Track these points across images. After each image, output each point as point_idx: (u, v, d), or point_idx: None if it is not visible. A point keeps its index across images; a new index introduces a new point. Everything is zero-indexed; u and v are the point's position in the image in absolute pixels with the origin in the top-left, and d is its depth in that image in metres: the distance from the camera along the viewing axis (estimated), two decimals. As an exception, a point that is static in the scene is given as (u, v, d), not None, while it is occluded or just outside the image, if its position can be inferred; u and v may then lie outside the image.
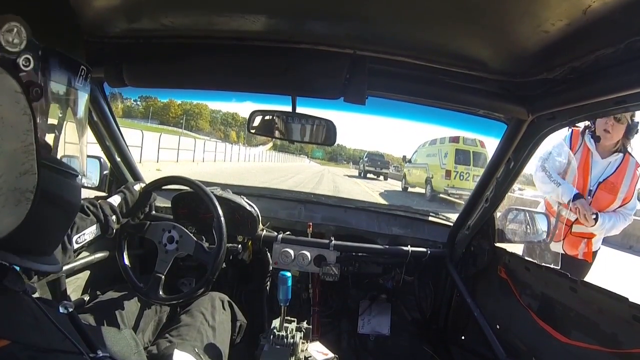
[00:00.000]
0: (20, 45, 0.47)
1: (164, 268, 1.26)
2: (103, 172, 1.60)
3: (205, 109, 45.83)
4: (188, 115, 43.17)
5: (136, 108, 29.36)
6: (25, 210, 0.49)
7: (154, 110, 32.04)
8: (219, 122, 52.84)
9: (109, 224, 1.19)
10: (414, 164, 13.89)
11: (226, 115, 53.91)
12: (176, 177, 1.37)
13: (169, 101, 33.16)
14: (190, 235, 1.29)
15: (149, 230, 1.30)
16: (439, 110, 1.15)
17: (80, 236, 1.09)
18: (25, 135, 0.48)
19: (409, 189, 14.32)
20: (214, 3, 0.81)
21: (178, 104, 37.10)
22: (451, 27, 0.77)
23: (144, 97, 25.28)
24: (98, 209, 1.18)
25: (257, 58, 0.95)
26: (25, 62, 0.48)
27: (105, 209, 1.20)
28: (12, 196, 0.48)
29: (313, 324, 1.64)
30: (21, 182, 0.48)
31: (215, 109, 52.29)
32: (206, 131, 43.46)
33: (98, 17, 0.90)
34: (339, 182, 17.55)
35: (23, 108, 0.48)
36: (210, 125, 48.07)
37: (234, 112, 52.18)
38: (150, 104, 29.72)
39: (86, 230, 1.11)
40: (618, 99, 0.78)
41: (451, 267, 1.62)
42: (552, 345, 1.12)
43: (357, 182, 18.44)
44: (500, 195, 1.37)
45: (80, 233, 1.09)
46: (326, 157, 75.36)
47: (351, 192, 12.65)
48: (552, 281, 1.17)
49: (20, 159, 0.48)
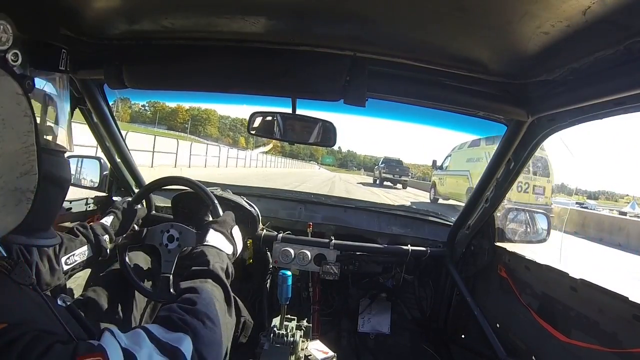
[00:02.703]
0: (7, 43, 0.48)
1: (170, 268, 1.25)
2: (103, 172, 1.61)
3: (213, 114, 45.52)
4: (195, 120, 42.59)
5: (144, 113, 29.11)
6: (25, 210, 0.50)
7: (161, 116, 31.66)
8: (228, 127, 52.41)
9: (100, 243, 1.18)
10: (448, 171, 11.87)
11: (235, 121, 53.53)
12: (176, 177, 1.38)
13: (177, 106, 32.81)
14: (189, 229, 1.27)
15: (147, 236, 1.28)
16: (439, 111, 1.15)
17: (69, 257, 1.08)
18: (26, 137, 0.49)
19: (440, 201, 12.28)
20: (214, 5, 0.81)
21: (186, 110, 36.80)
22: (451, 29, 0.77)
23: (152, 103, 25.12)
24: (88, 230, 1.17)
25: (258, 60, 0.95)
26: (14, 57, 0.49)
27: (96, 229, 1.19)
28: (13, 196, 0.49)
29: (313, 322, 1.64)
30: (22, 182, 0.49)
31: (224, 115, 52.24)
32: (214, 137, 42.92)
33: (98, 19, 0.90)
34: (353, 190, 15.90)
35: (24, 110, 0.48)
36: (219, 131, 47.69)
37: (242, 118, 52.12)
38: (158, 109, 29.46)
39: (76, 251, 1.10)
40: (618, 100, 0.78)
41: (451, 266, 1.63)
42: (552, 344, 1.12)
43: (374, 191, 16.52)
44: (500, 195, 1.37)
45: (69, 254, 1.08)
46: (336, 163, 74.28)
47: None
48: (553, 280, 1.17)
49: (21, 160, 0.49)
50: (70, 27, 0.92)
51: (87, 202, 1.55)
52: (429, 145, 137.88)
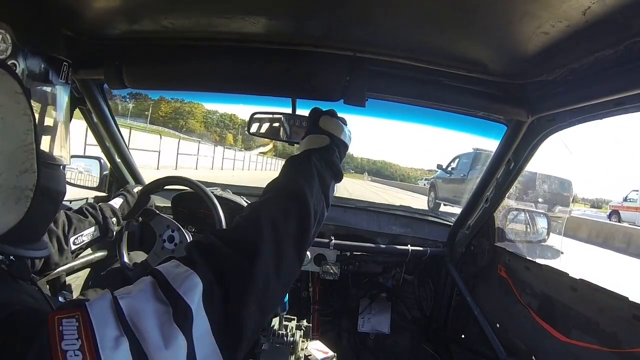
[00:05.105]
0: (6, 52, 0.49)
1: (154, 261, 1.25)
2: (103, 172, 1.61)
3: (197, 107, 42.25)
4: (177, 114, 39.58)
5: (124, 105, 27.44)
6: (24, 208, 0.50)
7: (142, 108, 29.86)
8: (215, 123, 49.92)
9: (108, 225, 1.20)
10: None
11: (223, 117, 51.17)
12: (176, 177, 1.38)
13: (159, 99, 31.15)
14: (189, 241, 1.29)
15: (156, 219, 1.30)
16: (439, 111, 1.15)
17: (77, 237, 1.10)
18: (26, 135, 0.49)
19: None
20: (214, 5, 0.81)
21: (167, 101, 34.20)
22: (451, 29, 0.77)
23: (134, 94, 23.45)
24: (97, 211, 1.19)
25: (258, 60, 0.95)
26: (12, 67, 0.50)
27: (105, 211, 1.20)
28: (12, 194, 0.49)
29: (313, 322, 1.65)
30: (21, 180, 0.50)
31: (212, 109, 49.95)
32: (198, 132, 39.58)
33: (98, 19, 0.90)
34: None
35: (23, 108, 0.49)
36: (205, 126, 45.45)
37: (231, 114, 50.16)
38: (140, 101, 27.69)
39: (84, 232, 1.12)
40: (618, 100, 0.78)
41: (451, 266, 1.63)
42: (551, 344, 1.12)
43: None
44: (500, 196, 1.37)
45: (77, 234, 1.10)
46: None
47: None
48: (552, 280, 1.17)
49: (20, 158, 0.49)
50: (70, 27, 0.92)
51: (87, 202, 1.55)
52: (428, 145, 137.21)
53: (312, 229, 0.58)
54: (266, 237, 0.51)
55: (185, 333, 0.41)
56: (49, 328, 0.38)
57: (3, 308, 0.42)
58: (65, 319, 0.39)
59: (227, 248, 0.49)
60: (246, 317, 0.46)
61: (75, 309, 0.41)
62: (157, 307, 0.42)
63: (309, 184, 0.60)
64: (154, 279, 0.46)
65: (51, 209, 0.61)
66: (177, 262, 0.48)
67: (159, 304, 0.42)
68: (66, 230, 1.08)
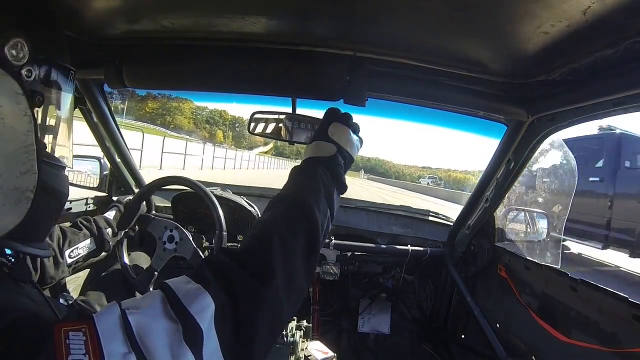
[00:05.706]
0: (23, 59, 0.50)
1: (159, 265, 1.27)
2: (103, 172, 1.61)
3: (185, 103, 40.28)
4: (163, 109, 37.61)
5: (114, 102, 26.33)
6: (25, 209, 0.50)
7: (130, 105, 28.64)
8: (204, 119, 47.64)
9: (103, 236, 1.20)
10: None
11: (213, 113, 49.11)
12: (176, 177, 1.38)
13: (147, 93, 29.82)
14: (190, 240, 1.29)
15: (152, 223, 1.31)
16: (439, 111, 1.15)
17: (73, 250, 1.09)
18: (26, 136, 0.49)
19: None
20: (214, 5, 0.81)
21: (154, 96, 32.34)
22: (451, 29, 0.77)
23: (121, 91, 22.47)
24: (91, 223, 1.19)
25: (257, 60, 0.95)
26: (27, 73, 0.51)
27: (99, 222, 1.20)
28: (12, 195, 0.49)
29: (313, 322, 1.64)
30: (21, 181, 0.49)
31: (201, 106, 47.62)
32: (186, 129, 38.07)
33: (98, 19, 0.90)
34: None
35: (24, 109, 0.49)
36: (194, 122, 43.76)
37: (221, 110, 48.57)
38: (127, 97, 26.59)
39: (79, 245, 1.12)
40: (618, 100, 0.78)
41: (451, 266, 1.63)
42: (551, 344, 1.12)
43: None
44: (500, 195, 1.37)
45: (73, 247, 1.09)
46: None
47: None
48: (552, 280, 1.17)
49: (20, 159, 0.49)
50: (70, 27, 0.92)
51: (87, 202, 1.55)
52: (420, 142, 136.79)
53: (320, 245, 0.59)
54: (278, 259, 0.51)
55: (195, 352, 0.40)
56: (55, 341, 0.38)
57: (6, 313, 0.41)
58: (72, 332, 0.39)
59: (241, 270, 0.49)
60: (258, 340, 0.46)
61: (82, 322, 0.40)
62: (166, 325, 0.41)
63: (316, 199, 0.60)
64: (164, 293, 0.45)
65: (55, 208, 0.61)
66: (187, 279, 0.47)
67: (169, 321, 0.42)
68: (61, 243, 1.07)
